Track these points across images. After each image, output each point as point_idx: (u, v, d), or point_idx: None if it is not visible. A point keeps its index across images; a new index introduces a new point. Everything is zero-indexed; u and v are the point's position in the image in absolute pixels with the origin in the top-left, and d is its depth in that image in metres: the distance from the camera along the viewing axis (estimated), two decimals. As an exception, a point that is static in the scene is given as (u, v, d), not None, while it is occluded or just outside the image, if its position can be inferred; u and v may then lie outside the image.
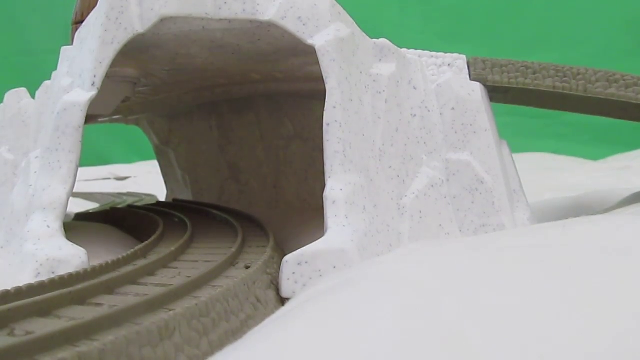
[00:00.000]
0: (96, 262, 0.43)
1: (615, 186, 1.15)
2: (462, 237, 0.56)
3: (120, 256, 0.39)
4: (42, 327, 0.26)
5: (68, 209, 0.48)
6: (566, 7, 2.46)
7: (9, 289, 0.29)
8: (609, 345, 0.23)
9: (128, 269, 0.36)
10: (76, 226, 0.65)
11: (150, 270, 0.37)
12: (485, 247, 0.39)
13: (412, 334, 0.25)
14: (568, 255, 0.32)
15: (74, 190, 0.49)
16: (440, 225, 0.54)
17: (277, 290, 0.39)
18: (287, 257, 0.40)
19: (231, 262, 0.40)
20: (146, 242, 0.44)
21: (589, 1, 2.45)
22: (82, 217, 0.73)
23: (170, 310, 0.29)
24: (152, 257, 0.40)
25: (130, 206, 0.87)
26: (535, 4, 2.50)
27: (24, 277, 0.40)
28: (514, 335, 0.24)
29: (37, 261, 0.40)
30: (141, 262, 0.38)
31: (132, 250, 0.40)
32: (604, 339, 0.23)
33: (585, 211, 0.86)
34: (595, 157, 1.92)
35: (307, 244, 0.42)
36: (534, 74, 0.71)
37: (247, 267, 0.39)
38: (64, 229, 0.45)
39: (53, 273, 0.39)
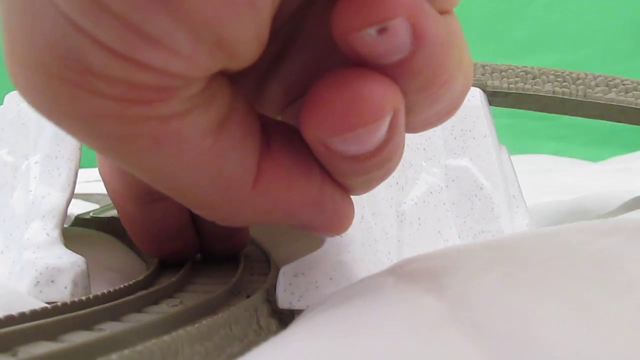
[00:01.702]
0: (95, 277, 0.44)
1: (615, 188, 1.14)
2: (460, 243, 0.56)
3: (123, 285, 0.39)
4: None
5: (68, 211, 0.48)
6: (566, 9, 2.46)
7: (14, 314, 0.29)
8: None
9: (130, 297, 0.36)
10: (76, 235, 0.65)
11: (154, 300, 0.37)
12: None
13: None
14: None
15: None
16: (439, 232, 0.55)
17: (279, 319, 0.39)
18: (284, 269, 0.40)
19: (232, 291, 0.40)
20: (147, 272, 0.44)
21: (589, 3, 2.45)
22: (82, 222, 0.73)
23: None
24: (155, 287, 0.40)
25: None
26: (534, 6, 2.50)
27: (23, 286, 0.40)
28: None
29: (36, 269, 0.40)
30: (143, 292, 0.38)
31: (133, 281, 0.40)
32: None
33: (585, 215, 0.86)
34: (595, 159, 1.92)
35: (303, 249, 0.42)
36: (534, 78, 0.72)
37: (248, 297, 0.39)
38: (64, 234, 0.45)
39: (52, 282, 0.39)
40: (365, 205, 0.46)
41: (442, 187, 0.57)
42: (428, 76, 0.26)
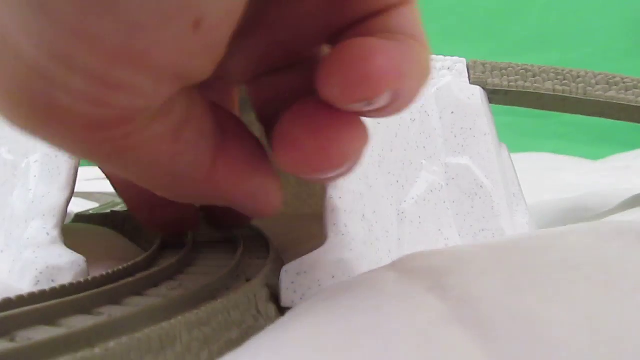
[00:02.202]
0: (97, 269, 0.43)
1: (615, 186, 1.14)
2: (461, 241, 0.56)
3: (121, 266, 0.39)
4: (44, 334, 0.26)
5: (68, 209, 0.48)
6: (566, 7, 2.46)
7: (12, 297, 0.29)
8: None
9: (129, 280, 0.36)
10: (76, 229, 0.65)
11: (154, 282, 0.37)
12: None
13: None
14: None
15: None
16: (440, 230, 0.54)
17: (278, 303, 0.39)
18: (286, 267, 0.40)
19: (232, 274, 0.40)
20: (147, 254, 0.44)
21: (589, 1, 2.44)
22: (82, 218, 0.73)
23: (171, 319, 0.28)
24: (154, 268, 0.40)
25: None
26: (535, 5, 2.50)
27: (24, 285, 0.40)
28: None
29: (36, 269, 0.40)
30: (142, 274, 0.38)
31: (132, 262, 0.40)
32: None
33: (585, 213, 0.86)
34: (595, 157, 1.92)
35: (305, 247, 0.42)
36: (534, 77, 0.71)
37: (248, 280, 0.39)
38: (64, 231, 0.45)
39: (53, 281, 0.39)
40: (366, 203, 0.46)
41: (442, 186, 0.57)
42: (396, 109, 0.28)
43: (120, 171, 0.27)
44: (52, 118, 0.22)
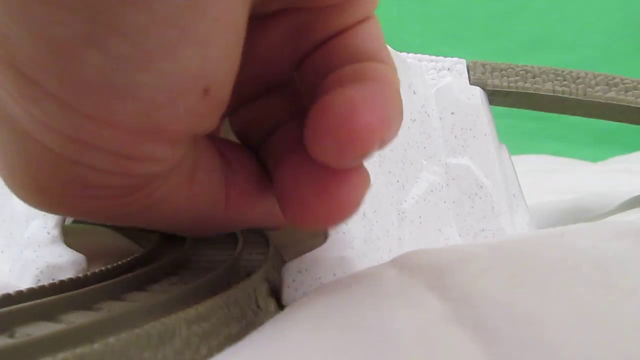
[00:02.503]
0: (97, 267, 0.43)
1: (615, 188, 1.14)
2: (461, 241, 0.56)
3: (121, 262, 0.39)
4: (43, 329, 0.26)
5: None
6: (566, 9, 2.46)
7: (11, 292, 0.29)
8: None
9: (129, 275, 0.36)
10: (76, 229, 0.65)
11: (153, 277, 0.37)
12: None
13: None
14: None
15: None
16: (440, 230, 0.55)
17: (277, 298, 0.39)
18: (287, 265, 0.40)
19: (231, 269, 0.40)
20: (147, 249, 0.44)
21: (589, 2, 2.45)
22: (81, 220, 0.73)
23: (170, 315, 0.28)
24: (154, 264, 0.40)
25: None
26: (535, 5, 2.50)
27: (24, 284, 0.40)
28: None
29: (37, 268, 0.40)
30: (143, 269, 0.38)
31: (132, 257, 0.40)
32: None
33: (585, 214, 0.86)
34: (595, 159, 1.92)
35: (306, 245, 0.42)
36: (534, 77, 0.72)
37: (248, 275, 0.39)
38: (64, 230, 0.45)
39: (53, 280, 0.39)
40: (367, 202, 0.46)
41: (443, 186, 0.57)
42: (384, 145, 0.28)
43: (144, 225, 0.29)
44: (82, 195, 0.24)
